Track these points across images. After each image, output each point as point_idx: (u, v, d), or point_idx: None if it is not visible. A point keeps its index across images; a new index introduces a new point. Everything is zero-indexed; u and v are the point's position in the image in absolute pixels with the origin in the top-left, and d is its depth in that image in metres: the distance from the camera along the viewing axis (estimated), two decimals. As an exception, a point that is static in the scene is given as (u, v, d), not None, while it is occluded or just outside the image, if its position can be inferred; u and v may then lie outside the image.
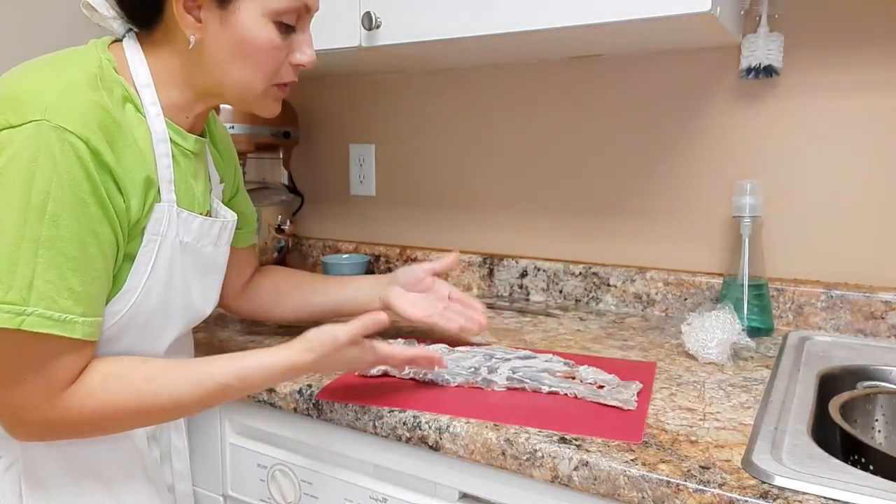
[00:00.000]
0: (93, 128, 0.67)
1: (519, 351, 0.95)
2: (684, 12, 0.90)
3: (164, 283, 0.77)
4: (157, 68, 0.77)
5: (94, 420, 0.70)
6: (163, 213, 0.75)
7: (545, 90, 1.36)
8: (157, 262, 0.76)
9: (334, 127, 1.64)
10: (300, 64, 0.80)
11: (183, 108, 0.79)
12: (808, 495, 0.60)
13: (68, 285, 0.66)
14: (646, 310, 1.27)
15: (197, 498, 1.04)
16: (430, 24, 1.09)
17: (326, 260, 1.54)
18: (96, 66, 0.71)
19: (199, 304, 0.85)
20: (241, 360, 0.75)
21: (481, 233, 1.47)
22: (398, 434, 0.79)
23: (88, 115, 0.67)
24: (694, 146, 1.23)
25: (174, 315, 0.81)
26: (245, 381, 0.74)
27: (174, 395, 0.72)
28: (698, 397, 0.83)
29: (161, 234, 0.76)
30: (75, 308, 0.67)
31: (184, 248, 0.79)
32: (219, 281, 0.89)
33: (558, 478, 0.69)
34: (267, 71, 0.78)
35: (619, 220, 1.31)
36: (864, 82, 1.08)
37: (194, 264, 0.82)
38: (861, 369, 0.95)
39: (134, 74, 0.76)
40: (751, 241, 1.10)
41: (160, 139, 0.76)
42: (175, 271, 0.78)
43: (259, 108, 0.82)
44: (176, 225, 0.77)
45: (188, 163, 0.81)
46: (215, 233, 0.85)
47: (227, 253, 0.89)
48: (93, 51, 0.74)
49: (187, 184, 0.80)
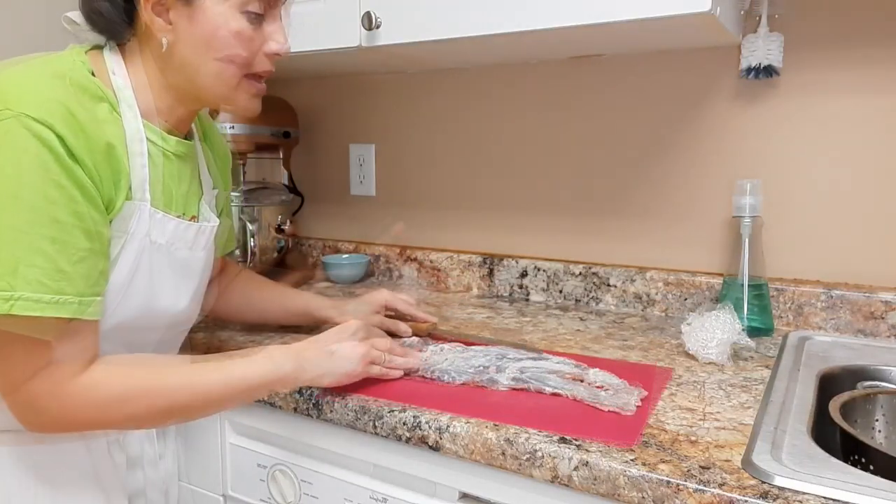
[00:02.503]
0: (56, 117, 0.67)
1: (532, 352, 0.95)
2: (684, 12, 0.90)
3: (123, 281, 0.76)
4: (136, 73, 0.78)
5: (111, 405, 0.71)
6: (131, 212, 0.75)
7: (545, 90, 1.36)
8: (120, 260, 0.76)
9: (334, 127, 1.64)
10: (274, 53, 0.80)
11: (162, 111, 0.80)
12: (808, 495, 0.60)
13: (57, 267, 0.67)
14: (646, 310, 1.27)
15: (197, 498, 1.04)
16: (430, 24, 1.09)
17: (326, 260, 1.54)
18: (68, 67, 0.72)
19: (165, 307, 0.82)
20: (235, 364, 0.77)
21: (481, 233, 1.47)
22: (398, 434, 0.79)
23: (52, 106, 0.67)
24: (694, 146, 1.23)
25: (135, 315, 0.79)
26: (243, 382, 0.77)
27: (193, 383, 0.75)
28: (698, 397, 0.83)
29: (128, 231, 0.75)
30: (69, 289, 0.67)
31: (156, 248, 0.79)
32: (193, 286, 0.86)
33: (558, 478, 0.69)
34: (239, 62, 0.78)
35: (619, 220, 1.31)
36: (864, 82, 1.08)
37: (167, 266, 0.81)
38: (861, 369, 0.95)
39: (112, 79, 0.77)
40: (751, 241, 1.10)
41: (136, 138, 0.76)
42: (140, 270, 0.77)
43: (237, 105, 0.81)
44: (148, 224, 0.77)
45: (168, 164, 0.81)
46: (191, 236, 0.84)
47: (204, 259, 0.87)
48: (68, 54, 0.75)
49: (165, 185, 0.80)
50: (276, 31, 0.80)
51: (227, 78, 0.78)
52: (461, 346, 0.97)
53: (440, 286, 1.49)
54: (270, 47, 0.80)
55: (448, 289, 1.48)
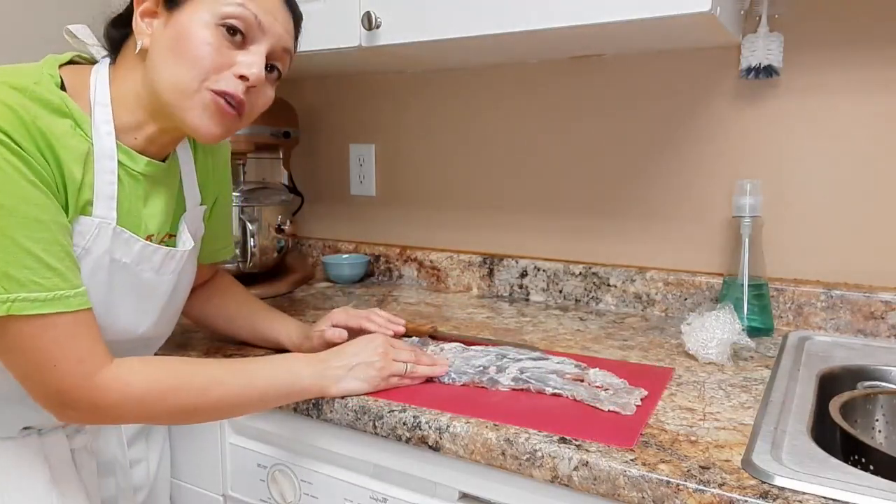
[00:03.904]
0: (9, 121, 0.66)
1: (533, 352, 0.95)
2: (684, 12, 0.90)
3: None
4: (118, 89, 0.77)
5: (137, 398, 0.72)
6: (89, 228, 0.74)
7: (545, 90, 1.36)
8: None
9: (334, 127, 1.64)
10: (241, 75, 0.75)
11: (133, 128, 0.78)
12: (808, 495, 0.60)
13: (47, 265, 0.67)
14: (646, 310, 1.27)
15: (197, 498, 1.04)
16: (430, 24, 1.09)
17: (326, 260, 1.54)
18: (32, 80, 0.71)
19: (124, 327, 0.80)
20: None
21: (481, 233, 1.47)
22: (398, 434, 0.79)
23: (4, 112, 0.66)
24: (694, 146, 1.23)
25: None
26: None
27: (212, 375, 0.76)
28: (698, 397, 0.83)
29: (83, 247, 0.74)
30: (63, 284, 0.68)
31: (119, 266, 0.77)
32: (158, 306, 0.84)
33: (558, 478, 0.69)
34: (199, 69, 0.74)
35: (619, 220, 1.31)
36: (864, 82, 1.08)
37: (129, 285, 0.79)
38: (861, 369, 0.95)
39: (92, 94, 0.76)
40: (751, 241, 1.10)
41: (106, 156, 0.75)
42: (94, 288, 0.75)
43: (192, 121, 0.75)
44: (109, 242, 0.76)
45: (135, 184, 0.79)
46: (157, 260, 0.82)
47: (172, 282, 0.85)
48: (38, 66, 0.74)
49: (130, 204, 0.79)
50: (252, 61, 0.76)
51: (183, 83, 0.74)
52: (461, 347, 0.97)
53: (440, 286, 1.49)
54: (239, 69, 0.75)
55: (448, 289, 1.48)
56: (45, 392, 0.70)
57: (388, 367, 0.85)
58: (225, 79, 0.75)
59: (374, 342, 0.87)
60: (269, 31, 0.77)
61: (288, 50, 0.81)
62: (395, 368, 0.85)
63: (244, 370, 0.79)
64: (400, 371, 0.86)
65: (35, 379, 0.70)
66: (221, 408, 0.78)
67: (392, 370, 0.85)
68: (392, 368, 0.85)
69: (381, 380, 0.84)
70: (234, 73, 0.75)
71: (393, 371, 0.85)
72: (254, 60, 0.76)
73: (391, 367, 0.85)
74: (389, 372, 0.85)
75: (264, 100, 0.81)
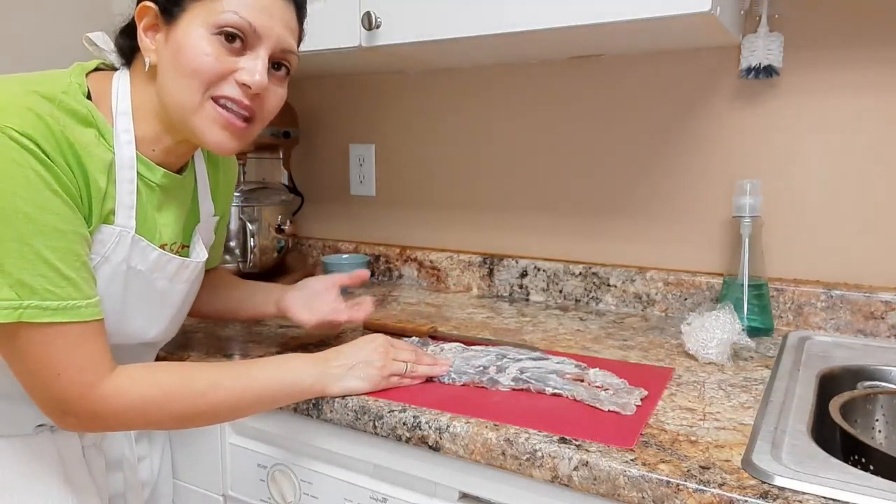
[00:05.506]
0: (39, 131, 0.67)
1: (533, 352, 0.95)
2: (684, 12, 0.90)
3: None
4: (138, 100, 0.78)
5: (137, 406, 0.72)
6: (110, 236, 0.75)
7: (545, 90, 1.36)
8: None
9: (334, 127, 1.64)
10: (243, 82, 0.75)
11: (152, 140, 0.79)
12: (808, 495, 0.60)
13: (62, 274, 0.68)
14: (646, 310, 1.27)
15: (197, 498, 1.04)
16: (430, 24, 1.09)
17: (326, 260, 1.54)
18: (60, 89, 0.71)
19: (135, 332, 0.82)
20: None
21: (481, 233, 1.47)
22: (398, 434, 0.79)
23: (35, 121, 0.67)
24: (694, 146, 1.23)
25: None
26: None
27: (211, 379, 0.76)
28: (698, 397, 0.83)
29: (103, 255, 0.75)
30: (76, 294, 0.69)
31: (135, 274, 0.78)
32: (169, 314, 0.86)
33: (558, 478, 0.69)
34: (201, 80, 0.74)
35: (619, 220, 1.31)
36: (864, 82, 1.08)
37: (144, 293, 0.80)
38: (861, 369, 0.95)
39: (114, 103, 0.77)
40: (751, 241, 1.10)
41: (127, 165, 0.76)
42: (110, 295, 0.76)
43: (205, 134, 0.76)
44: (128, 251, 0.77)
45: (151, 194, 0.80)
46: (172, 269, 0.83)
47: (184, 291, 0.86)
48: (66, 74, 0.75)
49: (146, 213, 0.80)
50: (253, 67, 0.76)
51: (188, 95, 0.74)
52: (461, 347, 0.97)
53: (440, 286, 1.49)
54: (241, 76, 0.75)
55: (448, 289, 1.48)
56: (47, 399, 0.70)
57: (389, 367, 0.85)
58: (228, 84, 0.76)
59: (374, 341, 0.87)
60: (267, 34, 0.77)
61: (290, 49, 0.81)
62: (395, 368, 0.85)
63: (244, 373, 0.79)
64: (400, 370, 0.86)
65: (39, 386, 0.70)
66: (221, 412, 0.78)
67: (392, 369, 0.85)
68: (392, 368, 0.85)
69: (382, 379, 0.84)
70: (236, 80, 0.76)
71: (393, 370, 0.85)
72: (255, 66, 0.76)
73: (391, 366, 0.85)
74: (390, 371, 0.85)
75: (276, 100, 0.82)
